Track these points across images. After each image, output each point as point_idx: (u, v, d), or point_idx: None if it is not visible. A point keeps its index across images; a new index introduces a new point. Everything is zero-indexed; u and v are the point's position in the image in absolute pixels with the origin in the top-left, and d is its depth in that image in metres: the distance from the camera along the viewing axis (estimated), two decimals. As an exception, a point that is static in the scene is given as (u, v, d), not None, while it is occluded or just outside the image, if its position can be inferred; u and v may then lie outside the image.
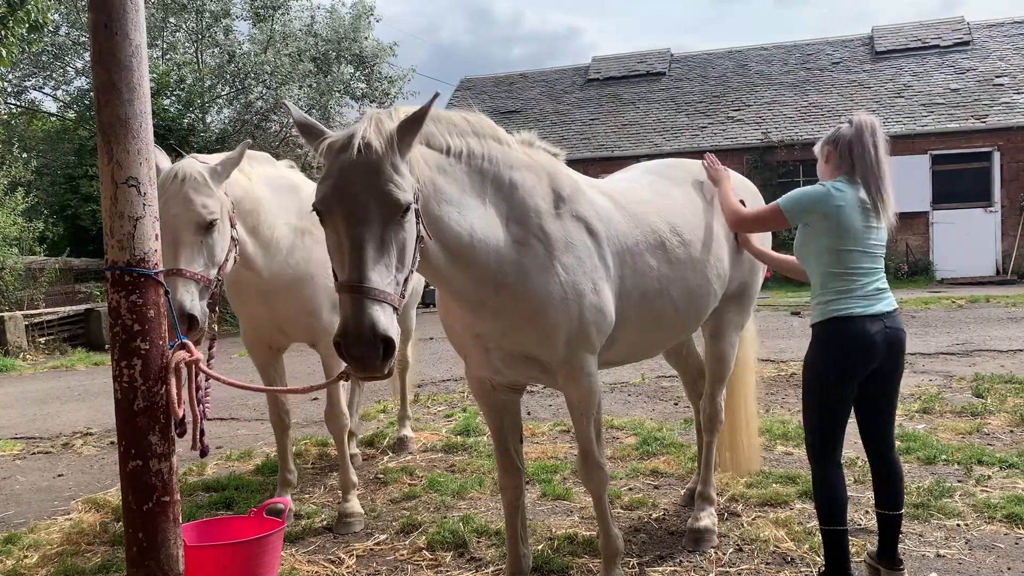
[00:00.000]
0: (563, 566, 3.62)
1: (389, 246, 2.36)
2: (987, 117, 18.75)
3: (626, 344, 3.36)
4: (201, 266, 3.55)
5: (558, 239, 2.94)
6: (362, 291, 2.28)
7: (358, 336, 2.27)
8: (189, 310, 3.41)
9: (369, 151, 2.37)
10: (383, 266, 2.34)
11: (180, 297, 3.40)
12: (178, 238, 3.50)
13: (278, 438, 4.64)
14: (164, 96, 18.80)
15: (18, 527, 4.59)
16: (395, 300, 2.35)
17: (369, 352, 2.28)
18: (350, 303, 2.29)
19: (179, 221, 3.52)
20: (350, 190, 2.36)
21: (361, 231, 2.34)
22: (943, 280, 18.31)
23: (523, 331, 2.94)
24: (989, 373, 7.38)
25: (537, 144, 3.14)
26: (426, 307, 18.17)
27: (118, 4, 2.60)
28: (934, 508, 4.05)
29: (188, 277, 3.46)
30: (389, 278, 2.35)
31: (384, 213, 2.34)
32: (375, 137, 2.39)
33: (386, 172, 2.36)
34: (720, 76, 23.32)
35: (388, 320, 2.29)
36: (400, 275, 2.40)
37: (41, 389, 10.04)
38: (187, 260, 3.50)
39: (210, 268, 3.59)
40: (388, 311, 2.31)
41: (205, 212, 3.56)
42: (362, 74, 22.06)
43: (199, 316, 3.47)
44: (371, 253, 2.32)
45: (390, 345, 2.29)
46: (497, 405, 3.32)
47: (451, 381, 8.80)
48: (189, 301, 3.43)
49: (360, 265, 2.31)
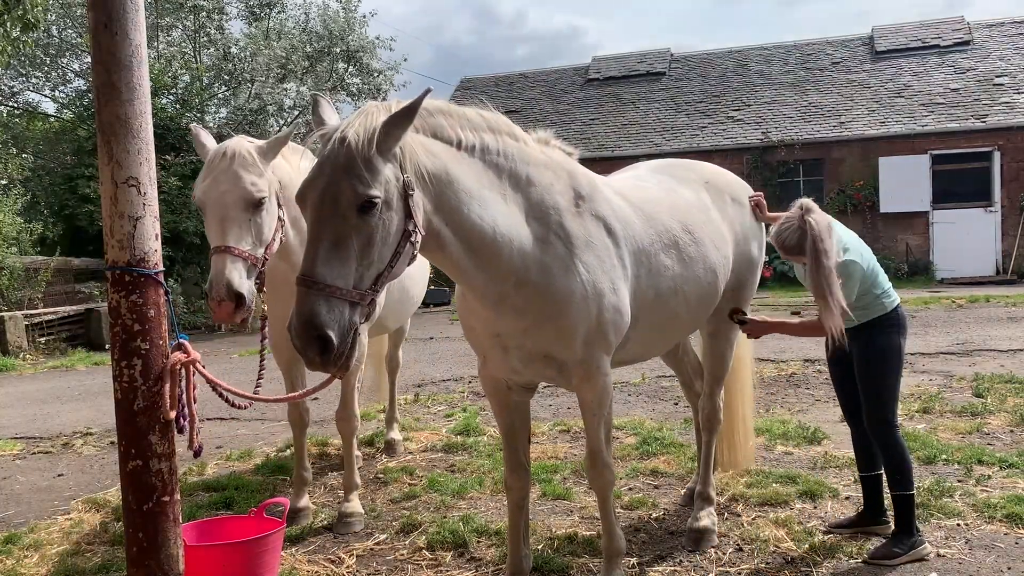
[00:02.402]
0: (563, 566, 3.62)
1: (347, 241, 2.33)
2: (987, 117, 18.73)
3: (639, 343, 3.37)
4: (249, 244, 3.49)
5: (579, 237, 2.94)
6: (307, 284, 2.30)
7: (296, 330, 2.30)
8: (237, 287, 3.36)
9: (342, 145, 2.36)
10: (338, 261, 2.32)
11: (228, 275, 3.35)
12: (226, 215, 3.46)
13: (296, 436, 4.58)
14: (162, 96, 18.79)
15: (18, 527, 4.59)
16: (352, 295, 2.33)
17: (306, 347, 2.30)
18: (298, 296, 2.32)
19: (228, 198, 3.48)
20: (317, 183, 2.38)
21: (318, 224, 2.35)
22: (943, 280, 18.30)
23: (543, 329, 2.93)
24: (989, 373, 7.38)
25: (553, 143, 3.14)
26: (426, 307, 18.19)
27: (118, 4, 2.60)
28: (934, 508, 4.05)
29: (236, 255, 3.42)
30: (346, 273, 2.32)
31: (343, 207, 2.33)
32: (353, 131, 2.38)
33: (352, 167, 2.34)
34: (720, 76, 23.31)
35: (330, 316, 2.28)
36: (367, 271, 2.38)
37: (41, 389, 10.04)
38: (235, 238, 3.45)
39: (258, 247, 3.54)
40: (337, 306, 2.30)
41: (254, 190, 3.52)
42: (355, 69, 22.03)
43: (247, 294, 3.41)
44: (325, 247, 2.32)
45: (327, 342, 2.28)
46: (510, 405, 3.32)
47: (451, 381, 8.79)
48: (237, 279, 3.38)
49: (312, 258, 2.32)
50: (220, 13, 21.22)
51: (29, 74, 21.78)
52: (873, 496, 3.86)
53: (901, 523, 3.56)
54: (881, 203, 18.95)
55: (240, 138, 3.72)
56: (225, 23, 21.57)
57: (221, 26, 21.39)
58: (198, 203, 3.61)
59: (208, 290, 3.40)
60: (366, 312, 2.41)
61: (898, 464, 3.56)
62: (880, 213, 19.04)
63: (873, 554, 3.52)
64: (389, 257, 2.43)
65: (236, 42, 21.02)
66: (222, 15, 21.34)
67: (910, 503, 3.55)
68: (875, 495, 3.86)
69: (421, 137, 2.60)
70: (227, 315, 3.39)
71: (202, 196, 3.56)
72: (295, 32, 21.48)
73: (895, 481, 3.57)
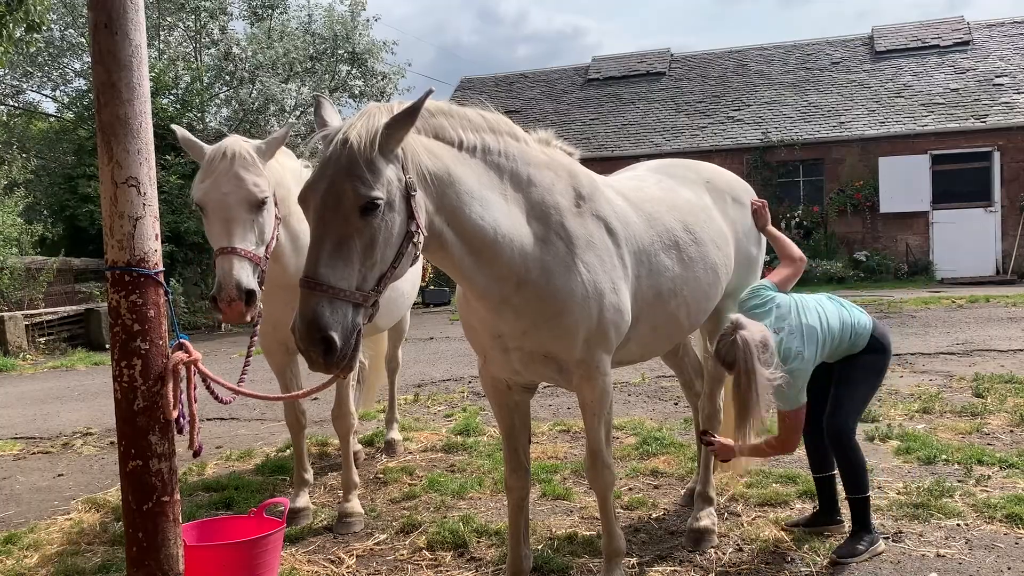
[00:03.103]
0: (563, 566, 3.62)
1: (350, 242, 2.34)
2: (987, 117, 18.74)
3: (639, 344, 3.37)
4: (253, 244, 3.51)
5: (579, 237, 2.94)
6: (310, 286, 2.30)
7: (300, 332, 2.30)
8: (247, 285, 3.38)
9: (344, 147, 2.36)
10: (341, 262, 2.32)
11: (237, 275, 3.36)
12: (230, 216, 3.47)
13: (294, 438, 4.58)
14: (162, 96, 18.80)
15: (18, 527, 4.59)
16: (355, 297, 2.33)
17: (310, 348, 2.30)
18: (301, 298, 2.32)
19: (231, 199, 3.48)
20: (319, 185, 2.38)
21: (321, 226, 2.35)
22: (943, 280, 18.30)
23: (544, 330, 2.93)
24: (989, 373, 7.38)
25: (554, 143, 3.14)
26: (426, 307, 18.19)
27: (118, 4, 2.60)
28: (934, 508, 4.05)
29: (242, 255, 3.43)
30: (349, 275, 2.33)
31: (345, 208, 2.33)
32: (355, 132, 2.38)
33: (354, 168, 2.33)
34: (720, 76, 23.32)
35: (334, 317, 2.28)
36: (370, 272, 2.38)
37: (41, 389, 10.04)
38: (240, 238, 3.45)
39: (260, 246, 3.55)
40: (340, 308, 2.30)
41: (257, 190, 3.53)
42: (358, 71, 22.07)
43: (257, 291, 3.43)
44: (327, 249, 2.33)
45: (330, 344, 2.28)
46: (510, 405, 3.33)
47: (451, 381, 8.79)
48: (246, 277, 3.39)
49: (315, 260, 2.33)
50: (223, 13, 21.23)
51: (31, 74, 21.78)
52: (827, 496, 3.93)
53: (858, 523, 3.65)
54: (881, 203, 18.96)
55: (236, 138, 3.72)
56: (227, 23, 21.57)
57: (224, 27, 21.40)
58: (199, 204, 3.60)
59: (216, 292, 3.39)
60: (369, 313, 2.41)
61: (854, 469, 3.63)
62: (880, 213, 19.05)
63: (838, 552, 3.57)
64: (392, 258, 2.43)
65: (237, 42, 21.02)
66: (224, 15, 21.33)
67: (866, 504, 3.64)
68: (829, 495, 3.93)
69: (423, 138, 2.60)
70: (238, 315, 3.39)
71: (203, 197, 3.55)
72: (298, 33, 21.50)
73: (852, 485, 3.64)
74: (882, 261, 18.78)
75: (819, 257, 18.85)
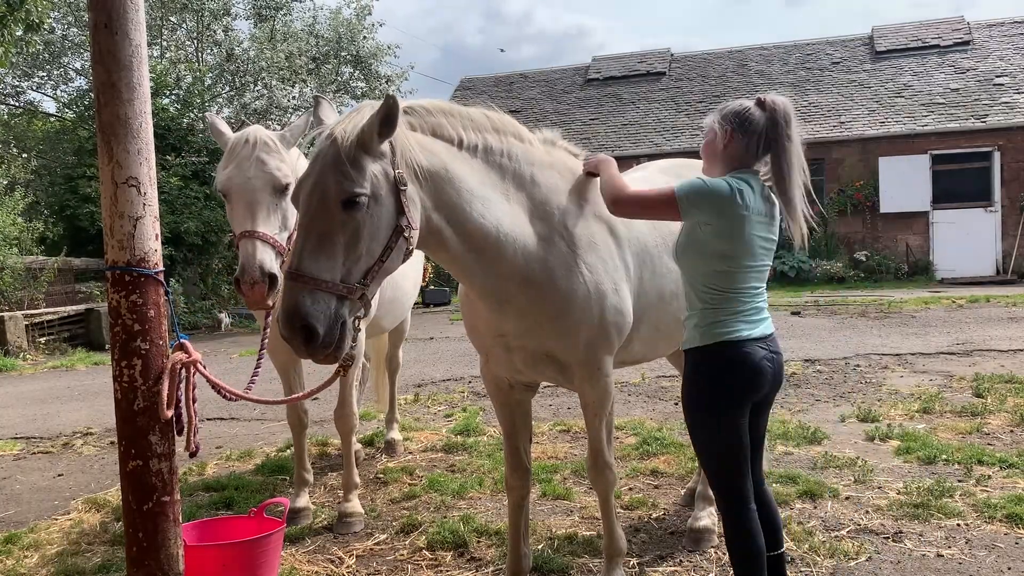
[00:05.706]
0: (563, 566, 3.62)
1: (334, 236, 2.37)
2: (987, 117, 18.74)
3: (641, 345, 3.37)
4: (276, 229, 3.50)
5: (582, 238, 2.95)
6: (292, 278, 2.35)
7: (281, 320, 2.35)
8: (269, 268, 3.36)
9: (330, 143, 2.41)
10: (324, 255, 2.36)
11: (260, 257, 3.35)
12: (254, 200, 3.47)
13: (296, 438, 4.57)
14: (163, 96, 18.80)
15: (18, 527, 4.59)
16: (338, 289, 2.36)
17: (291, 336, 2.35)
18: (284, 289, 2.38)
19: (255, 183, 3.49)
20: (307, 180, 2.43)
21: (307, 220, 2.40)
22: (943, 280, 18.30)
23: (546, 330, 2.94)
24: (989, 373, 7.38)
25: (559, 144, 3.14)
26: (426, 307, 18.18)
27: (118, 4, 2.60)
28: (934, 508, 4.05)
29: (263, 239, 3.41)
30: (332, 267, 2.36)
31: (329, 203, 2.37)
32: (340, 129, 2.42)
33: (338, 163, 2.38)
34: (720, 76, 23.32)
35: (315, 308, 2.32)
36: (355, 265, 2.40)
37: (41, 389, 10.04)
38: (264, 222, 3.45)
39: (283, 232, 3.54)
40: (323, 299, 2.33)
41: (280, 174, 3.54)
42: (361, 74, 22.14)
43: (280, 276, 3.38)
44: (311, 242, 2.37)
45: (311, 331, 2.32)
46: (511, 404, 3.33)
47: (451, 381, 8.79)
48: (269, 261, 3.38)
49: (299, 253, 2.38)
50: (226, 14, 21.25)
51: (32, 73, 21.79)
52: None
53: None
54: (881, 203, 18.96)
55: (257, 127, 3.75)
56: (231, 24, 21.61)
57: (227, 28, 21.43)
58: (222, 190, 3.61)
59: (239, 274, 3.37)
60: (359, 306, 2.43)
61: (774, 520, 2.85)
62: (880, 213, 19.05)
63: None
64: (380, 252, 2.45)
65: (240, 43, 21.05)
66: (228, 16, 21.36)
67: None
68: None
69: (419, 135, 2.63)
70: (260, 297, 3.37)
71: (226, 182, 3.57)
72: (302, 35, 21.52)
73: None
74: (882, 261, 18.79)
75: (819, 257, 18.86)
